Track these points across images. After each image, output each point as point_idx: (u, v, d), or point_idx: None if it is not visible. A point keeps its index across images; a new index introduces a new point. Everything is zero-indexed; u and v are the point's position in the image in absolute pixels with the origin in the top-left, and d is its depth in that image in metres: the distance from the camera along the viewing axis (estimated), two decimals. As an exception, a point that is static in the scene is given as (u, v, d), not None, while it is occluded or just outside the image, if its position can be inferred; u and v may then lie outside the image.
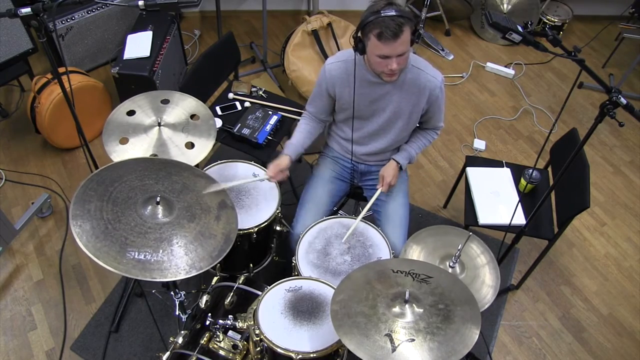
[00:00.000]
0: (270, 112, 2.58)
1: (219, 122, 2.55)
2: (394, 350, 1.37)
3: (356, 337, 1.39)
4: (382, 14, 1.65)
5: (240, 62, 2.88)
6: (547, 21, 3.91)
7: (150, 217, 1.54)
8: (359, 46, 1.77)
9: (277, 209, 2.03)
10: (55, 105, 2.78)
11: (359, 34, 1.75)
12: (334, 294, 1.51)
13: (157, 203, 1.56)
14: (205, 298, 1.87)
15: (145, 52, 2.90)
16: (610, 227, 2.97)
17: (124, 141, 1.90)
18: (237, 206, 2.01)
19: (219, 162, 2.16)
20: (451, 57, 3.88)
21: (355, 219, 2.02)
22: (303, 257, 1.91)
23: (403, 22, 1.66)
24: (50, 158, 3.05)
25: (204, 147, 1.94)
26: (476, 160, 2.64)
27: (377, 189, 2.09)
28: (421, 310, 1.46)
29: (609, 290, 2.71)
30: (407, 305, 1.45)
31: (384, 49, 1.71)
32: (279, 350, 1.58)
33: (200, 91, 2.40)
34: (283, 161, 2.03)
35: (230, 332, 1.79)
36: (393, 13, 1.65)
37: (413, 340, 1.39)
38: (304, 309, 1.69)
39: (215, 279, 2.00)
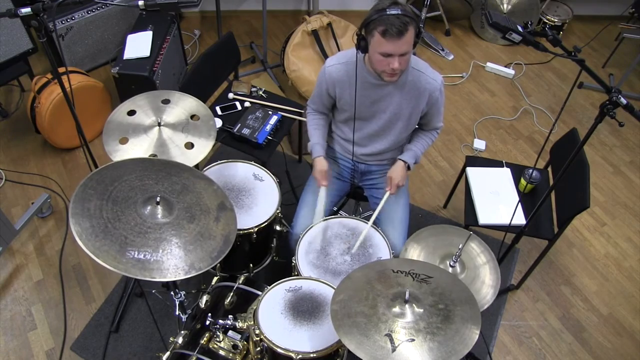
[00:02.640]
0: (270, 112, 2.58)
1: (219, 122, 2.55)
2: (394, 350, 1.37)
3: (356, 337, 1.39)
4: (388, 12, 1.66)
5: (240, 62, 2.88)
6: (547, 21, 3.91)
7: (150, 217, 1.54)
8: (362, 44, 1.77)
9: (277, 209, 2.03)
10: (55, 105, 2.78)
11: (362, 32, 1.75)
12: (334, 294, 1.51)
13: (157, 203, 1.56)
14: (205, 298, 1.87)
15: (145, 52, 2.90)
16: (610, 227, 2.97)
17: (123, 141, 1.90)
18: (237, 206, 2.01)
19: (219, 162, 2.16)
20: (451, 57, 3.88)
21: (357, 218, 2.02)
22: (303, 257, 1.91)
23: (408, 22, 1.67)
24: (50, 158, 3.05)
25: (204, 147, 1.94)
26: (476, 160, 2.64)
27: (385, 191, 2.07)
28: (421, 310, 1.46)
29: (609, 290, 2.71)
30: (407, 305, 1.45)
31: (388, 47, 1.71)
32: (279, 350, 1.58)
33: (200, 91, 2.40)
34: (324, 164, 2.07)
35: (230, 332, 1.79)
36: (398, 12, 1.65)
37: (413, 340, 1.39)
38: (304, 309, 1.69)
39: (215, 279, 2.00)
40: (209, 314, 1.73)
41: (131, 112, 1.99)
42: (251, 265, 2.16)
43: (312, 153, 2.12)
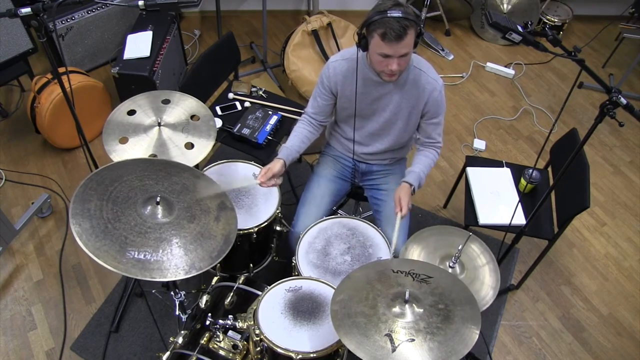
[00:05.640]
0: (270, 112, 2.58)
1: (219, 122, 2.55)
2: (394, 350, 1.37)
3: (356, 337, 1.39)
4: (388, 14, 1.65)
5: (240, 62, 2.88)
6: (547, 21, 3.91)
7: (150, 217, 1.54)
8: (362, 42, 1.77)
9: (277, 209, 2.03)
10: (55, 105, 2.78)
11: (363, 31, 1.75)
12: (334, 294, 1.51)
13: (157, 203, 1.56)
14: (205, 298, 1.87)
15: (145, 52, 2.90)
16: (610, 227, 2.97)
17: (123, 141, 1.90)
18: (237, 206, 2.01)
19: (219, 162, 2.16)
20: (451, 57, 3.88)
21: (358, 219, 2.02)
22: (303, 257, 1.91)
23: (408, 25, 1.66)
24: (50, 158, 3.05)
25: (204, 147, 1.94)
26: (476, 160, 2.64)
27: (395, 214, 1.95)
28: (421, 310, 1.46)
29: (609, 290, 2.71)
30: (407, 305, 1.45)
31: (387, 49, 1.71)
32: (279, 350, 1.58)
33: (200, 91, 2.40)
34: (275, 166, 1.96)
35: (230, 332, 1.79)
36: (399, 14, 1.65)
37: (413, 340, 1.39)
38: (304, 309, 1.69)
39: (215, 279, 2.00)
40: (209, 314, 1.73)
41: (131, 112, 1.99)
42: (251, 265, 2.16)
43: (278, 152, 2.05)
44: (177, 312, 1.94)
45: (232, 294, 1.85)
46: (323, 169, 2.25)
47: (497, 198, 2.45)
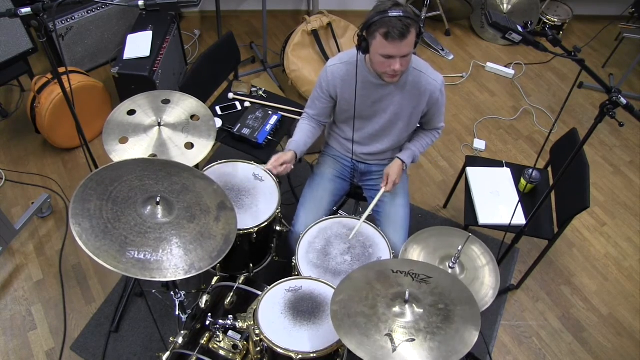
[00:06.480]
0: (270, 112, 2.58)
1: (219, 122, 2.55)
2: (394, 350, 1.37)
3: (356, 337, 1.39)
4: (390, 14, 1.66)
5: (240, 62, 2.88)
6: (547, 21, 3.91)
7: (150, 217, 1.54)
8: (363, 45, 1.77)
9: (277, 209, 2.02)
10: (55, 105, 2.78)
11: (364, 33, 1.75)
12: (333, 294, 1.51)
13: (157, 203, 1.56)
14: (205, 298, 1.87)
15: (145, 52, 2.90)
16: (610, 227, 2.97)
17: (123, 141, 1.90)
18: (237, 206, 2.01)
19: (219, 162, 2.16)
20: (451, 57, 3.88)
21: (358, 219, 2.02)
22: (303, 257, 1.91)
23: (410, 23, 1.67)
24: (50, 158, 3.05)
25: (204, 147, 1.94)
26: (476, 160, 2.64)
27: (380, 188, 2.07)
28: (421, 310, 1.46)
29: (609, 290, 2.71)
30: (407, 306, 1.45)
31: (390, 49, 1.71)
32: (279, 350, 1.58)
33: (200, 91, 2.40)
34: (287, 154, 2.01)
35: (230, 332, 1.79)
36: (400, 14, 1.66)
37: (413, 340, 1.39)
38: (304, 309, 1.69)
39: (215, 279, 2.00)
40: (209, 314, 1.73)
41: (131, 112, 1.99)
42: (251, 265, 2.16)
43: (287, 146, 2.09)
44: (177, 312, 1.94)
45: (232, 294, 1.85)
46: (323, 168, 2.26)
47: (497, 198, 2.45)
